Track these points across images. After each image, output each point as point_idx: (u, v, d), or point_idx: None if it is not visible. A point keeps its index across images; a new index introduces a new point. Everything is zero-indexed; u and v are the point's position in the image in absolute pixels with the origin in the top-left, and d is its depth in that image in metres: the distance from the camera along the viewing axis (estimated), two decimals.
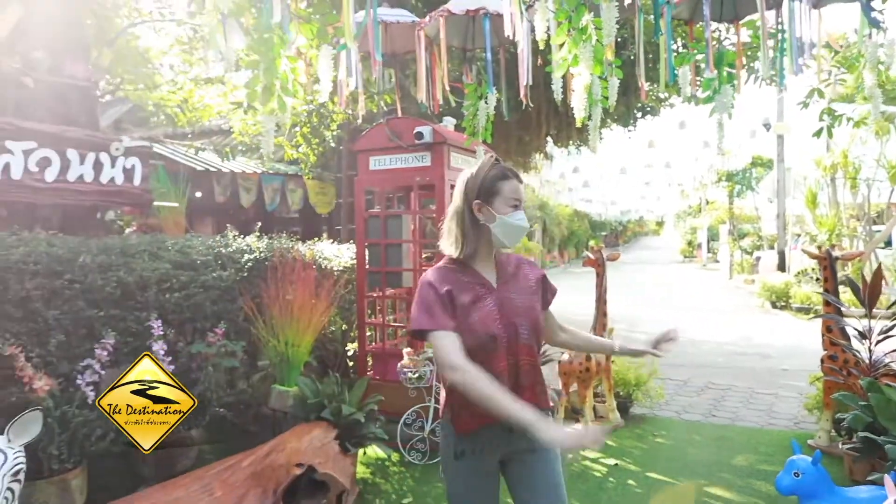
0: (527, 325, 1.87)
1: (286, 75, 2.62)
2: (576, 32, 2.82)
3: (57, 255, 2.98)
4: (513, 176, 1.93)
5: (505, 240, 1.89)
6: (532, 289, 1.95)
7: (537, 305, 1.94)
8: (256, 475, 2.92)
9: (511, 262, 2.01)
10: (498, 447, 1.88)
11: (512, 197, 1.90)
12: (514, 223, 1.88)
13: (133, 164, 4.09)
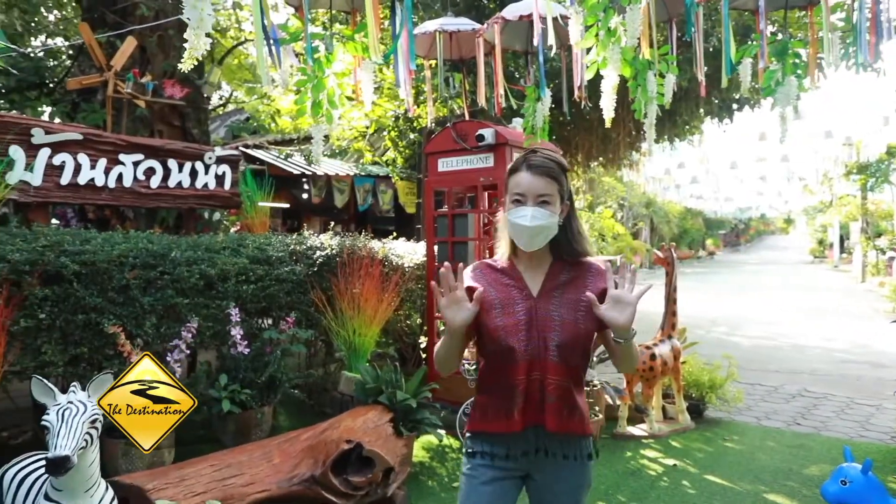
0: (559, 342, 1.67)
1: (333, 91, 2.91)
2: (605, 35, 2.88)
3: (152, 250, 3.49)
4: (523, 167, 1.72)
5: (516, 240, 1.72)
6: (584, 301, 1.68)
7: (585, 321, 1.69)
8: (312, 448, 3.26)
9: (575, 268, 1.77)
10: (517, 459, 1.74)
11: (513, 191, 1.71)
12: (513, 221, 1.69)
13: (224, 170, 4.61)
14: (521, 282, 1.75)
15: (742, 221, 43.33)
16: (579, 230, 1.80)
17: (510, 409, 1.69)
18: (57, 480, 2.08)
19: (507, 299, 1.73)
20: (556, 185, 1.71)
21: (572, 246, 1.77)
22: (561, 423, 1.68)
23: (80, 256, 3.10)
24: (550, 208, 1.69)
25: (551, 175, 1.70)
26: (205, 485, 2.81)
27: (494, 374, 1.74)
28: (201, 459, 3.00)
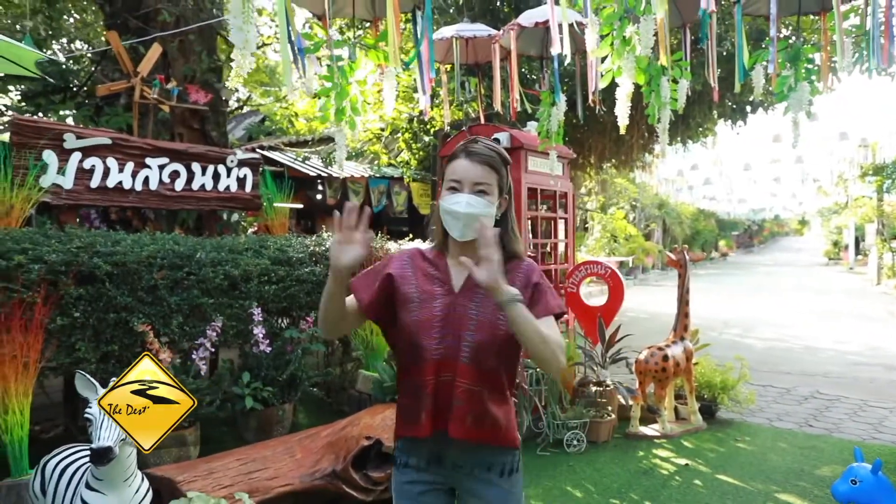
0: (474, 343, 1.57)
1: (356, 98, 3.02)
2: (619, 44, 2.96)
3: (179, 251, 3.61)
4: (461, 154, 1.63)
5: (449, 229, 1.61)
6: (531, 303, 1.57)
7: (503, 322, 1.55)
8: (332, 444, 3.36)
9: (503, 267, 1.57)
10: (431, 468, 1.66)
11: (449, 178, 1.62)
12: (447, 207, 1.58)
13: (245, 173, 4.73)
14: (445, 275, 1.65)
15: (755, 223, 43.03)
16: (514, 229, 1.70)
17: (419, 412, 1.59)
18: (98, 470, 2.19)
19: (427, 293, 1.62)
20: (496, 174, 1.62)
21: (503, 243, 1.62)
22: (465, 430, 1.57)
23: (112, 257, 3.23)
24: (487, 198, 1.59)
25: (490, 164, 1.61)
26: (231, 478, 2.93)
27: (405, 373, 1.65)
28: (227, 454, 3.12)
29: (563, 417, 4.54)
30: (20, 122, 3.65)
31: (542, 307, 1.59)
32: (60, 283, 3.03)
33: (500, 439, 1.62)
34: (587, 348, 5.03)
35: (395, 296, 1.64)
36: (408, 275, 1.67)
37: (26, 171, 3.55)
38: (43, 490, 2.41)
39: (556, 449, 4.45)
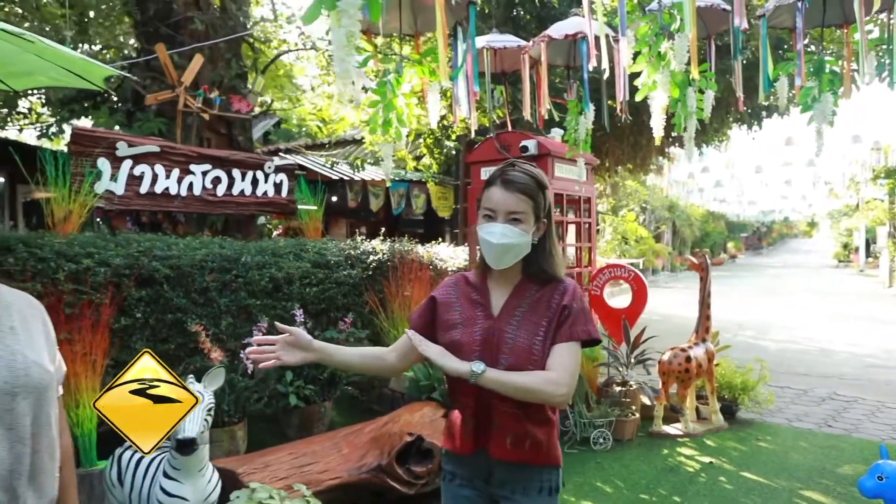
0: (507, 366, 1.60)
1: (401, 110, 3.17)
2: (654, 59, 3.10)
3: (226, 255, 3.78)
4: (497, 181, 1.65)
5: (485, 256, 1.66)
6: (544, 325, 1.64)
7: (542, 347, 1.62)
8: (375, 439, 3.52)
9: (543, 287, 1.69)
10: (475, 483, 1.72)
11: (484, 206, 1.66)
12: (482, 237, 1.64)
13: (281, 179, 4.90)
14: (486, 298, 1.71)
15: (764, 224, 42.97)
16: (552, 251, 1.71)
17: (462, 431, 1.67)
18: (176, 460, 2.36)
19: (469, 318, 1.68)
20: (531, 202, 1.62)
21: (542, 267, 1.68)
22: (504, 451, 1.63)
23: (169, 261, 3.40)
24: (521, 227, 1.61)
25: (525, 192, 1.62)
26: (286, 470, 3.09)
27: (452, 392, 1.73)
28: (279, 448, 3.28)
29: (590, 416, 4.68)
30: (78, 131, 3.83)
31: (564, 332, 1.62)
32: (123, 286, 3.20)
33: (542, 459, 1.65)
34: (611, 349, 5.18)
35: (437, 320, 1.73)
36: (452, 301, 1.74)
37: (83, 178, 3.72)
38: (120, 479, 2.58)
39: (583, 447, 4.60)
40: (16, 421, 1.18)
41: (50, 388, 1.27)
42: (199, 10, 7.16)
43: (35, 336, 1.30)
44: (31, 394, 1.21)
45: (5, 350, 1.21)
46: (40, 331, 1.33)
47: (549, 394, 1.56)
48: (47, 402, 1.26)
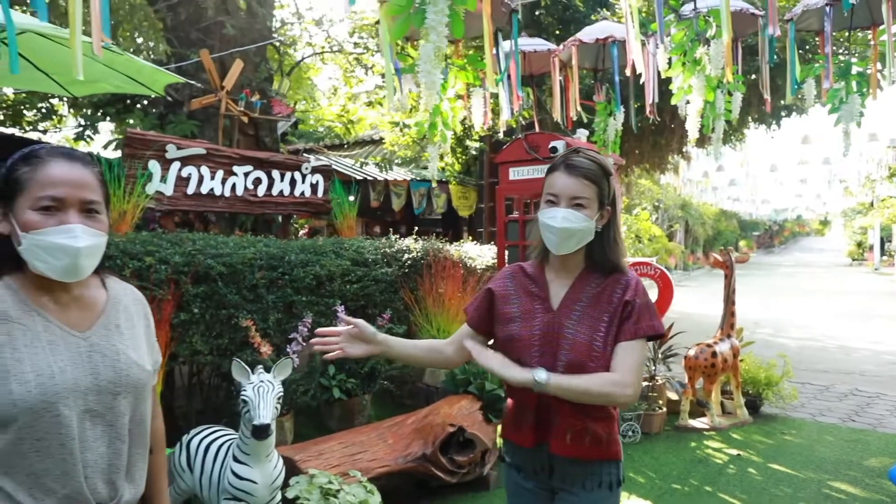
0: (567, 361, 1.58)
1: (447, 114, 3.31)
2: (690, 64, 3.22)
3: (272, 253, 3.94)
4: (560, 167, 1.63)
5: (546, 242, 1.63)
6: (605, 320, 1.60)
7: (603, 343, 1.59)
8: (418, 430, 3.66)
9: (605, 279, 1.66)
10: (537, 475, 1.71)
11: (547, 191, 1.64)
12: (543, 221, 1.61)
13: (318, 179, 5.06)
14: (544, 291, 1.68)
15: (776, 223, 42.78)
16: (616, 240, 1.67)
17: (523, 424, 1.66)
18: (247, 446, 2.51)
19: (528, 311, 1.66)
20: (594, 188, 1.60)
21: (606, 255, 1.65)
22: (565, 446, 1.61)
23: (222, 259, 3.56)
24: (585, 212, 1.58)
25: (589, 177, 1.59)
26: (338, 458, 3.24)
27: (511, 386, 1.69)
28: (329, 438, 3.43)
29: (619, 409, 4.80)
30: (132, 135, 4.00)
31: (629, 329, 1.59)
32: (181, 283, 3.36)
33: (602, 453, 1.63)
34: None
35: (495, 313, 1.71)
36: (510, 293, 1.71)
37: (135, 180, 3.89)
38: (189, 464, 2.73)
39: None
40: (116, 419, 1.22)
41: (147, 387, 1.30)
42: (228, 14, 7.33)
43: (137, 333, 1.33)
44: (130, 393, 1.24)
45: (111, 349, 1.24)
46: (142, 325, 1.36)
47: (615, 396, 1.54)
48: (144, 400, 1.29)
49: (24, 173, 1.17)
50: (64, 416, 1.12)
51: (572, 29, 6.80)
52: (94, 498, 1.17)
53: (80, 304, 1.26)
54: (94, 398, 1.18)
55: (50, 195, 1.15)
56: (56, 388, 1.12)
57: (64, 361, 1.16)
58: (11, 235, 1.17)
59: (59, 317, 1.20)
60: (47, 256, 1.15)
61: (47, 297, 1.20)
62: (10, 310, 1.15)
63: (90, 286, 1.29)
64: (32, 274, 1.19)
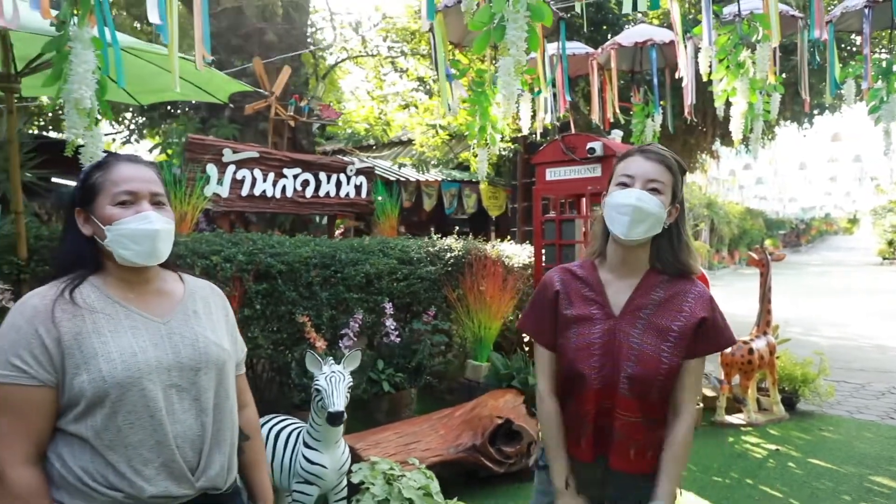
0: (632, 374, 1.48)
1: (495, 118, 3.45)
2: (734, 67, 3.32)
3: (325, 252, 4.11)
4: (636, 153, 1.55)
5: (613, 226, 1.51)
6: (675, 331, 1.49)
7: (671, 356, 1.49)
8: (467, 422, 3.80)
9: (672, 285, 1.54)
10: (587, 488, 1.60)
11: (621, 174, 1.54)
12: (615, 201, 1.49)
13: (361, 181, 5.23)
14: (602, 296, 1.56)
15: (803, 221, 42.15)
16: (686, 240, 1.57)
17: (579, 437, 1.56)
18: (317, 432, 2.67)
19: (585, 317, 1.55)
20: (671, 176, 1.52)
21: (676, 255, 1.54)
22: (627, 462, 1.53)
23: (281, 258, 3.74)
24: (660, 197, 1.49)
25: (666, 164, 1.52)
26: (394, 448, 3.39)
27: (567, 394, 1.59)
28: (385, 428, 3.60)
29: None
30: (192, 140, 4.21)
31: (701, 349, 1.51)
32: (244, 280, 3.55)
33: (646, 468, 1.54)
34: None
35: (558, 318, 1.58)
36: (564, 298, 1.59)
37: (195, 182, 4.09)
38: None
39: None
40: (200, 394, 1.33)
41: (227, 366, 1.41)
42: (266, 20, 7.56)
43: (216, 319, 1.45)
44: (211, 370, 1.35)
45: (190, 332, 1.36)
46: (221, 315, 1.49)
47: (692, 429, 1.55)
48: (225, 378, 1.40)
49: (98, 177, 1.34)
50: (149, 391, 1.25)
51: (604, 31, 6.90)
52: (187, 466, 1.29)
53: (160, 295, 1.39)
54: (176, 374, 1.30)
55: (125, 190, 1.31)
56: (139, 365, 1.25)
57: (145, 342, 1.29)
58: (95, 234, 1.32)
59: (140, 307, 1.33)
60: (130, 243, 1.29)
61: (129, 292, 1.34)
62: (94, 303, 1.29)
63: (168, 280, 1.43)
64: (114, 271, 1.34)
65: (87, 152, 1.93)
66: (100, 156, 1.97)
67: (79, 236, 1.33)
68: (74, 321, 1.24)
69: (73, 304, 1.25)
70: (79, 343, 1.23)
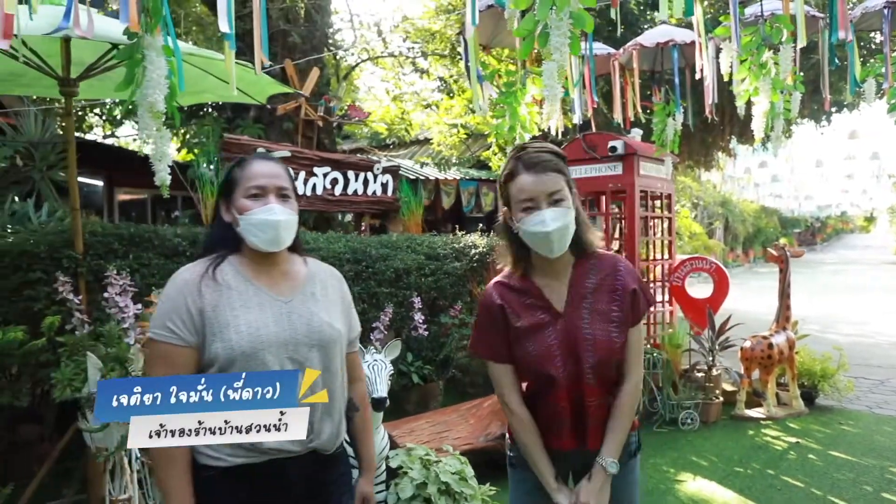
0: (594, 364, 1.56)
1: (524, 118, 3.57)
2: (756, 68, 3.41)
3: (356, 247, 4.26)
4: (520, 169, 1.54)
5: (539, 250, 1.55)
6: (616, 311, 1.58)
7: (619, 334, 1.58)
8: (495, 412, 3.93)
9: (599, 269, 1.62)
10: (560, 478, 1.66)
11: (518, 199, 1.54)
12: (530, 231, 1.52)
13: (387, 179, 5.37)
14: (542, 299, 1.61)
15: (818, 220, 41.83)
16: (584, 217, 1.63)
17: (560, 431, 1.62)
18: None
19: (536, 324, 1.59)
20: (563, 177, 1.54)
21: (585, 237, 1.60)
22: (601, 440, 1.62)
23: (320, 252, 3.88)
24: (564, 204, 1.52)
25: (555, 168, 1.52)
26: (427, 436, 3.53)
27: (538, 396, 1.64)
28: (417, 417, 3.74)
29: (677, 398, 5.00)
30: (228, 140, 4.37)
31: (635, 316, 1.61)
32: None
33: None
34: (692, 334, 5.47)
35: (510, 331, 1.61)
36: (511, 311, 1.62)
37: None
38: None
39: (671, 426, 4.92)
40: (313, 368, 1.43)
41: (337, 344, 1.54)
42: (289, 22, 7.72)
43: (332, 300, 1.60)
44: (323, 347, 1.50)
45: (307, 311, 1.51)
46: (337, 297, 1.63)
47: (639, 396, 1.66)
48: (335, 355, 1.54)
49: (236, 173, 1.54)
50: (269, 362, 1.41)
51: (623, 31, 6.98)
52: None
53: (286, 277, 1.55)
54: (293, 348, 1.46)
55: (255, 185, 1.50)
56: (261, 339, 1.42)
57: (268, 319, 1.45)
58: (233, 222, 1.51)
59: (267, 286, 1.51)
60: (258, 231, 1.46)
61: (259, 272, 1.52)
62: (230, 280, 1.47)
63: (294, 263, 1.60)
64: (249, 254, 1.52)
65: (156, 151, 2.08)
66: (167, 154, 2.13)
67: (222, 223, 1.54)
68: (214, 295, 1.43)
69: (214, 280, 1.45)
70: (216, 314, 1.42)
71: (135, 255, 3.28)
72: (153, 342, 1.42)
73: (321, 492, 1.53)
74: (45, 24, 2.14)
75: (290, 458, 1.44)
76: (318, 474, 1.51)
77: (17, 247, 3.04)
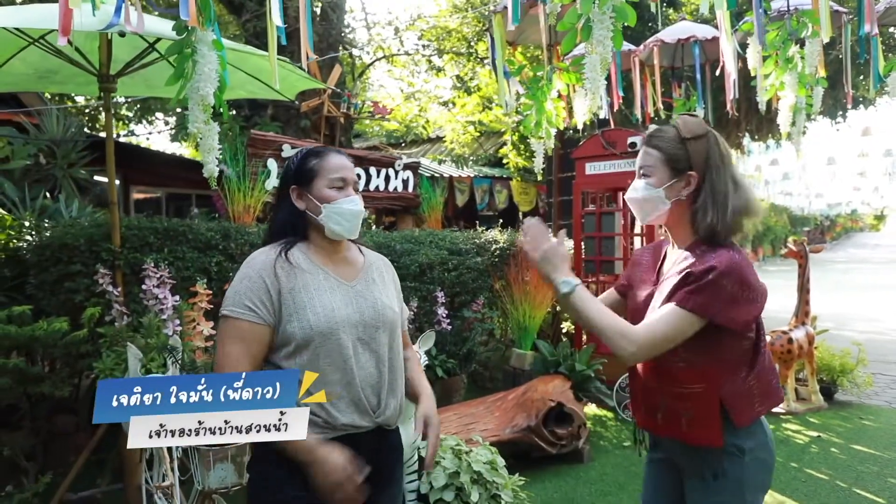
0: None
1: (550, 113, 3.60)
2: (783, 62, 3.43)
3: (381, 242, 4.30)
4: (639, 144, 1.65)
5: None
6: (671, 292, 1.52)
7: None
8: (520, 405, 3.97)
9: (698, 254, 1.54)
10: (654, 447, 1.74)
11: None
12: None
13: (408, 176, 5.41)
14: (656, 264, 1.69)
15: (828, 218, 41.61)
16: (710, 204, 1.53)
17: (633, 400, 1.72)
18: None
19: (640, 281, 1.70)
20: (659, 154, 1.55)
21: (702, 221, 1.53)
22: (642, 419, 1.66)
23: None
24: (647, 181, 1.57)
25: (652, 144, 1.57)
26: (455, 427, 3.57)
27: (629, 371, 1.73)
28: (445, 409, 3.78)
29: None
30: (254, 136, 4.42)
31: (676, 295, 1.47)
32: None
33: (682, 435, 1.56)
34: None
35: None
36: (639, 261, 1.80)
37: (257, 178, 4.30)
38: None
39: None
40: (378, 347, 1.58)
41: (397, 325, 1.67)
42: None
43: (387, 284, 1.72)
44: (386, 328, 1.61)
45: (371, 295, 1.62)
46: (391, 282, 1.76)
47: (616, 345, 1.47)
48: (396, 335, 1.66)
49: (315, 163, 1.61)
50: (343, 340, 1.50)
51: (639, 27, 7.00)
52: (369, 406, 1.54)
53: (348, 263, 1.66)
54: (362, 330, 1.55)
55: (339, 177, 1.59)
56: (336, 319, 1.51)
57: (339, 301, 1.55)
58: (308, 209, 1.58)
59: (334, 271, 1.60)
60: (342, 220, 1.56)
61: (326, 258, 1.61)
62: (302, 264, 1.55)
63: (353, 250, 1.71)
64: (317, 241, 1.61)
65: (205, 144, 2.13)
66: (215, 146, 2.18)
67: (293, 209, 1.60)
68: (289, 278, 1.51)
69: (288, 263, 1.53)
70: (292, 296, 1.50)
71: (170, 248, 3.34)
72: (228, 319, 1.48)
73: (383, 462, 1.61)
74: (95, 21, 2.19)
75: (360, 433, 1.52)
76: (381, 446, 1.60)
77: (57, 240, 3.11)
